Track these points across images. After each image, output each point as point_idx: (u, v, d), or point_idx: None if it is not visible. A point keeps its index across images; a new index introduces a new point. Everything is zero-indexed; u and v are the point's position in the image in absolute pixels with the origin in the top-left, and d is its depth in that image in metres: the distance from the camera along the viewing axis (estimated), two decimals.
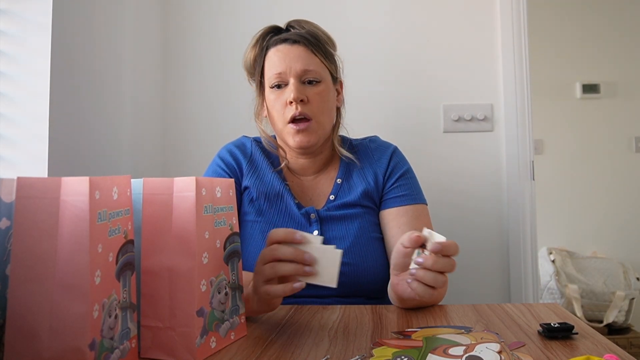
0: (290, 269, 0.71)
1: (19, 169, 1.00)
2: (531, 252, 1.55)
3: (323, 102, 1.03)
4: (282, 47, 1.03)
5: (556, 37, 2.96)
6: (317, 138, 1.04)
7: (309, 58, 1.02)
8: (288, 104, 1.01)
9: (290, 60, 1.01)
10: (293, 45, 1.03)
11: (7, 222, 0.57)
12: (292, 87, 1.00)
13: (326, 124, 1.06)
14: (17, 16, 1.02)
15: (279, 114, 1.03)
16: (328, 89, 1.05)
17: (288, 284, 0.71)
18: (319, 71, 1.03)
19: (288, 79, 1.01)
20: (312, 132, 1.02)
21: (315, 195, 1.08)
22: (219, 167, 1.09)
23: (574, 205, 2.93)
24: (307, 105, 1.01)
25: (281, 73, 1.01)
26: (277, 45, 1.04)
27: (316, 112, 1.02)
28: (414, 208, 1.05)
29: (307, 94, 1.01)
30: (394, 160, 1.10)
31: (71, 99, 1.09)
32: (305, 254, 0.71)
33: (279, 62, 1.02)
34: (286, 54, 1.02)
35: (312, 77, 1.02)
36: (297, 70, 1.01)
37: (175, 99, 1.62)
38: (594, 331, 0.72)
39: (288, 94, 1.01)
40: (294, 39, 1.03)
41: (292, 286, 0.70)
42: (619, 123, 2.94)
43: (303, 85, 1.02)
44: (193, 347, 0.64)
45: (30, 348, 0.53)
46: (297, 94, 1.00)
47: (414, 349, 0.66)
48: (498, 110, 1.58)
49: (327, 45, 1.08)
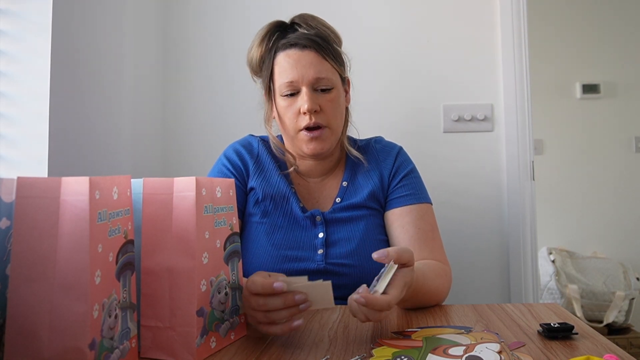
0: (286, 315, 0.69)
1: (19, 169, 1.00)
2: (531, 252, 1.55)
3: (335, 109, 1.03)
4: (293, 53, 1.00)
5: (556, 37, 2.96)
6: (330, 144, 1.03)
7: (321, 64, 1.00)
8: (302, 113, 1.00)
9: (302, 68, 0.99)
10: (304, 50, 1.00)
11: (7, 222, 0.57)
12: (306, 97, 0.99)
13: (338, 128, 1.05)
14: (17, 16, 1.02)
15: (291, 121, 1.02)
16: (339, 93, 1.04)
17: (287, 324, 0.69)
18: (330, 77, 1.01)
19: (300, 87, 1.00)
20: (326, 139, 1.02)
21: (322, 197, 1.08)
22: (225, 167, 1.09)
23: (574, 205, 2.93)
24: (320, 114, 1.00)
25: (293, 81, 0.99)
26: (287, 49, 1.01)
27: (330, 120, 1.02)
28: (418, 207, 1.05)
29: (320, 103, 1.00)
30: (398, 160, 1.10)
31: (71, 99, 1.09)
32: (295, 296, 0.68)
33: (290, 70, 0.99)
34: (297, 61, 1.00)
35: (325, 84, 1.00)
36: (309, 79, 0.99)
37: (175, 99, 1.62)
38: (594, 331, 0.72)
39: (301, 103, 0.99)
40: (304, 44, 1.00)
41: (290, 326, 0.69)
42: (619, 123, 2.94)
43: (316, 94, 1.00)
44: (193, 347, 0.64)
45: (30, 348, 0.53)
46: (312, 105, 0.98)
47: (414, 349, 0.66)
48: (498, 110, 1.58)
49: (335, 44, 1.06)
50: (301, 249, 1.00)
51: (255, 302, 0.70)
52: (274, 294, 0.68)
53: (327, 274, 0.97)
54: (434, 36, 1.60)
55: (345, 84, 1.09)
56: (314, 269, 0.97)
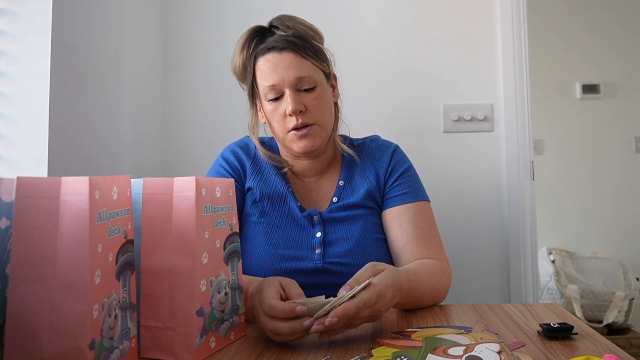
0: (301, 337, 0.70)
1: (19, 169, 1.00)
2: (531, 252, 1.55)
3: (321, 106, 1.02)
4: (271, 57, 1.00)
5: (556, 37, 2.96)
6: (321, 140, 1.03)
7: (301, 64, 1.00)
8: (287, 115, 1.00)
9: (282, 70, 0.99)
10: (282, 52, 1.00)
11: (7, 222, 0.57)
12: (290, 99, 0.99)
13: (328, 124, 1.05)
14: (17, 16, 1.02)
15: (279, 124, 1.02)
16: (324, 90, 1.04)
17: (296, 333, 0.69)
18: (312, 75, 1.01)
19: (283, 89, 1.00)
20: (316, 136, 1.02)
21: (319, 197, 1.08)
22: (222, 168, 1.09)
23: (573, 205, 2.93)
24: (306, 114, 1.00)
25: (275, 85, 1.00)
26: (266, 54, 1.01)
27: (317, 117, 1.02)
28: (416, 205, 1.05)
29: (304, 103, 1.00)
30: (394, 158, 1.10)
31: (71, 99, 1.09)
32: (313, 328, 0.67)
33: (271, 73, 1.00)
34: (276, 64, 1.00)
35: (307, 84, 1.00)
36: (290, 80, 0.99)
37: (175, 99, 1.62)
38: (593, 331, 0.72)
39: (285, 105, 0.99)
40: (282, 46, 1.00)
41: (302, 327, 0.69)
42: (619, 123, 2.94)
43: (299, 94, 1.00)
44: (193, 347, 0.64)
45: (30, 348, 0.53)
46: (296, 106, 0.98)
47: (414, 349, 0.66)
48: (498, 110, 1.58)
49: (315, 41, 1.05)
50: (299, 248, 1.00)
51: (269, 323, 0.70)
52: (290, 319, 0.69)
53: (325, 273, 0.97)
54: (434, 36, 1.60)
55: (331, 79, 1.09)
56: (312, 268, 0.98)
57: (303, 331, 0.68)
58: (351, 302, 0.68)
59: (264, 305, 0.70)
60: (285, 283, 0.76)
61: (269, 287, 0.74)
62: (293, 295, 0.74)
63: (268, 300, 0.70)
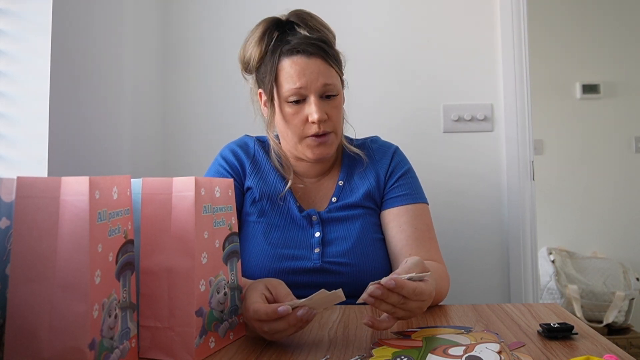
0: (293, 331, 0.69)
1: (19, 169, 1.00)
2: (531, 252, 1.55)
3: (339, 114, 1.04)
4: (299, 60, 0.99)
5: (556, 37, 2.96)
6: (334, 148, 1.05)
7: (327, 71, 1.00)
8: (310, 122, 1.00)
9: (310, 75, 0.98)
10: (310, 58, 0.99)
11: (7, 222, 0.57)
12: (315, 107, 0.98)
13: (341, 131, 1.07)
14: (17, 16, 1.02)
15: (297, 128, 1.01)
16: (342, 98, 1.05)
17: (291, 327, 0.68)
18: (336, 83, 1.01)
19: (307, 94, 0.99)
20: (332, 144, 1.03)
21: (318, 197, 1.08)
22: (221, 167, 1.09)
23: (573, 205, 2.93)
24: (327, 122, 1.01)
25: (301, 88, 0.98)
26: (292, 56, 0.99)
27: (335, 125, 1.02)
28: (414, 207, 1.05)
29: (326, 111, 1.00)
30: (395, 160, 1.10)
31: (71, 99, 1.09)
32: (297, 313, 0.67)
33: (298, 77, 0.98)
34: (304, 68, 0.98)
35: (331, 91, 1.00)
36: (317, 87, 0.99)
37: (175, 99, 1.62)
38: (593, 331, 0.72)
39: (309, 111, 0.99)
40: (311, 51, 0.99)
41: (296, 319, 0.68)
42: (619, 123, 2.94)
43: (322, 101, 1.00)
44: (192, 347, 0.64)
45: (30, 348, 0.53)
46: (321, 115, 0.98)
47: (414, 349, 0.66)
48: (498, 110, 1.58)
49: (334, 44, 1.06)
50: (298, 248, 1.00)
51: (259, 327, 0.70)
52: (279, 318, 0.68)
53: (324, 273, 0.98)
54: (434, 36, 1.60)
55: (344, 84, 1.10)
56: (311, 268, 0.98)
57: (300, 322, 0.67)
58: (411, 282, 0.68)
59: (248, 312, 0.71)
60: (271, 284, 0.76)
61: (252, 292, 0.74)
62: (280, 296, 0.74)
63: (251, 305, 0.70)
